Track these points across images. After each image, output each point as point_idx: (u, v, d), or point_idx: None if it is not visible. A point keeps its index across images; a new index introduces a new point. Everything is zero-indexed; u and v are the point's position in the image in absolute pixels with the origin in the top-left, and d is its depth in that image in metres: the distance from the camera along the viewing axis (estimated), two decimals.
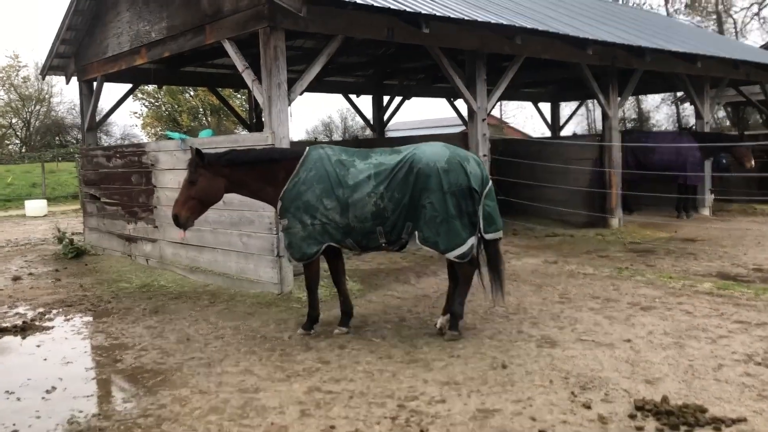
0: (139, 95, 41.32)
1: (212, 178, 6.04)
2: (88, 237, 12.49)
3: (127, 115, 67.41)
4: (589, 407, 4.35)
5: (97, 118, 12.84)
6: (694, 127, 16.02)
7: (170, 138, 9.99)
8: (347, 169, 5.95)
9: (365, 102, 17.99)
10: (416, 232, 5.85)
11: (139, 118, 44.89)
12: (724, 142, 14.24)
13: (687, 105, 33.01)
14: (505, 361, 5.28)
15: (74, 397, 4.94)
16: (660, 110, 41.48)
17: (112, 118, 49.57)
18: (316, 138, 43.77)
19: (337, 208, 5.87)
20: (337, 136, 47.47)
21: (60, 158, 37.95)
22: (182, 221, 6.04)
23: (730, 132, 21.64)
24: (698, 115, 15.44)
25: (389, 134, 23.57)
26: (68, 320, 7.29)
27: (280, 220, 6.08)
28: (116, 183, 11.27)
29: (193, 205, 6.06)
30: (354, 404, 4.56)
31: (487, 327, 6.30)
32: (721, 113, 32.05)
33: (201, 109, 42.18)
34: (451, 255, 5.83)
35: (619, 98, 13.37)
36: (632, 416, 4.18)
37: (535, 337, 5.93)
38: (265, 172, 6.10)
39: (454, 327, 5.99)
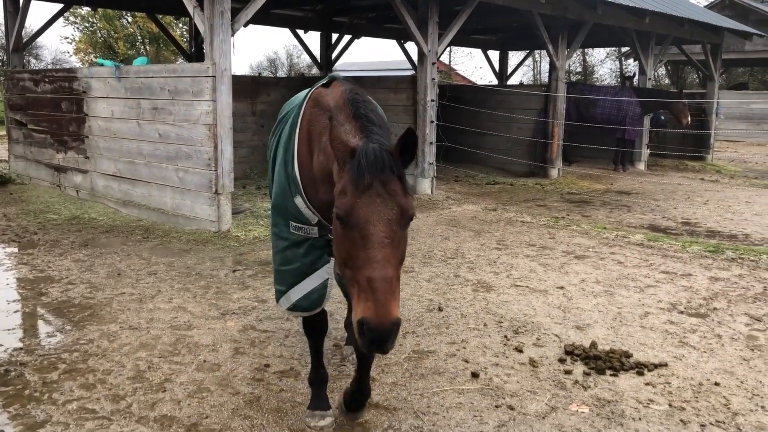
0: (72, 18, 38.69)
1: None
2: (13, 165, 11.80)
3: (58, 39, 63.21)
4: (520, 351, 4.47)
5: (25, 39, 11.94)
6: (635, 79, 16.27)
7: (102, 65, 9.40)
8: None
9: (313, 39, 17.42)
10: None
11: (71, 43, 42.20)
12: (663, 98, 14.59)
13: (631, 61, 33.62)
14: (441, 304, 5.34)
15: None
16: (604, 65, 42.18)
17: (43, 41, 46.45)
18: (260, 73, 42.38)
19: None
20: (282, 73, 46.13)
21: None
22: None
23: (669, 89, 22.18)
24: (642, 71, 15.70)
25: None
26: None
27: None
28: (45, 109, 10.60)
29: None
30: (289, 343, 4.53)
31: (425, 270, 6.34)
32: (662, 70, 32.82)
33: (139, 37, 39.96)
34: None
35: (567, 50, 13.41)
36: (561, 360, 4.32)
37: (472, 282, 6.02)
38: None
39: None
